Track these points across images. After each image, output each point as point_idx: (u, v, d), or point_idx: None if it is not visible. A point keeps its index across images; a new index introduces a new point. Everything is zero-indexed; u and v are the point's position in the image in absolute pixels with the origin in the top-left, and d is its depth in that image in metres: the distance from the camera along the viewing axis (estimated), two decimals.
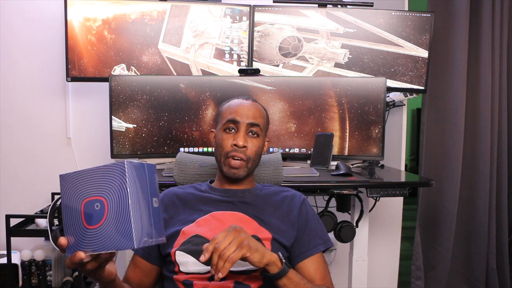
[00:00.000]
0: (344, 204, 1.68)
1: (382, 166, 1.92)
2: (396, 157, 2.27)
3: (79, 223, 0.69)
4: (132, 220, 0.65)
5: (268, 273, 0.86)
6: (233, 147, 1.04)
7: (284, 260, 0.87)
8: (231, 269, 0.95)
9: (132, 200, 0.66)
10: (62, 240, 0.71)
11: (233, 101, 1.11)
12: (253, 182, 1.15)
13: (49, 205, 1.61)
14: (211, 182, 1.16)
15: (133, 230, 0.65)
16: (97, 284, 0.85)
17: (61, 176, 0.71)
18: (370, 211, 1.81)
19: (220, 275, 0.78)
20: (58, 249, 1.45)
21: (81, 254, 0.68)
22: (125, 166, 0.66)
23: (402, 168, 2.30)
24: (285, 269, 0.87)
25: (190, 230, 1.01)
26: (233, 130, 1.06)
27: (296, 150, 1.91)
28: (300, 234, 1.05)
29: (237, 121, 1.05)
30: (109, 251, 0.68)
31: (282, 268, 0.86)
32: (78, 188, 0.69)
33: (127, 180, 0.66)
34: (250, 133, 1.07)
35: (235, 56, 2.05)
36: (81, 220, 0.68)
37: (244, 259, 0.82)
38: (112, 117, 1.81)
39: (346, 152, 1.90)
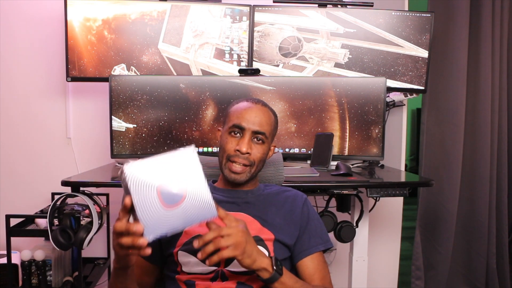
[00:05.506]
0: (344, 204, 1.67)
1: (382, 166, 1.92)
2: (396, 157, 2.27)
3: (156, 206, 0.72)
4: (209, 195, 0.76)
5: (259, 277, 0.88)
6: (236, 152, 1.03)
7: (275, 267, 0.88)
8: (234, 269, 0.96)
9: (204, 179, 0.77)
10: (140, 227, 0.71)
11: (242, 104, 1.08)
12: (257, 183, 1.14)
13: (49, 205, 1.61)
14: (214, 182, 1.16)
15: (212, 203, 0.76)
16: (97, 284, 0.85)
17: (126, 167, 0.73)
18: (370, 211, 1.81)
19: (207, 263, 0.80)
20: (58, 249, 1.45)
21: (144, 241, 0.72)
22: (194, 151, 0.78)
23: (402, 168, 2.30)
24: (275, 276, 0.87)
25: (192, 230, 1.01)
26: (238, 135, 1.05)
27: (296, 150, 1.91)
28: (301, 233, 1.05)
29: (243, 127, 1.04)
30: (194, 225, 0.76)
31: (272, 275, 0.87)
32: (150, 174, 0.73)
33: (198, 163, 0.77)
34: (255, 140, 1.05)
35: (235, 56, 2.05)
36: (158, 203, 0.73)
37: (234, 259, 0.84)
38: (112, 117, 1.81)
39: (346, 152, 1.90)
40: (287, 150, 1.90)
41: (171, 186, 0.73)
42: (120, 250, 0.76)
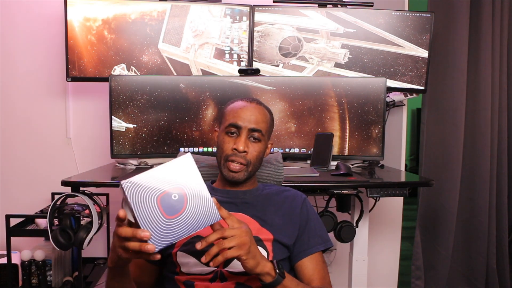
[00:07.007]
0: (344, 204, 1.67)
1: (382, 166, 1.92)
2: (396, 157, 2.27)
3: (158, 217, 0.72)
4: (210, 199, 0.76)
5: (262, 281, 0.87)
6: (233, 151, 1.04)
7: (278, 271, 0.87)
8: (233, 270, 0.96)
9: (203, 184, 0.76)
10: (147, 233, 0.71)
11: (237, 103, 1.10)
12: (255, 183, 1.15)
13: (49, 205, 1.61)
14: (213, 182, 1.16)
15: (214, 207, 0.76)
16: (97, 284, 0.85)
17: (123, 183, 0.72)
18: (370, 211, 1.81)
19: (211, 264, 0.78)
20: (58, 249, 1.45)
21: (157, 256, 0.72)
22: (190, 158, 0.76)
23: (402, 168, 2.30)
24: (278, 280, 0.86)
25: None
26: (234, 134, 1.06)
27: (296, 150, 1.91)
28: (300, 233, 1.05)
29: (239, 126, 1.05)
30: (198, 231, 0.75)
31: (275, 279, 0.86)
32: (148, 187, 0.73)
33: (196, 169, 0.76)
34: (252, 138, 1.06)
35: (235, 56, 2.05)
36: (160, 214, 0.73)
37: (238, 260, 0.83)
38: (112, 117, 1.81)
39: (346, 152, 1.90)
40: (287, 150, 1.90)
41: (171, 196, 0.73)
42: (125, 253, 0.75)
